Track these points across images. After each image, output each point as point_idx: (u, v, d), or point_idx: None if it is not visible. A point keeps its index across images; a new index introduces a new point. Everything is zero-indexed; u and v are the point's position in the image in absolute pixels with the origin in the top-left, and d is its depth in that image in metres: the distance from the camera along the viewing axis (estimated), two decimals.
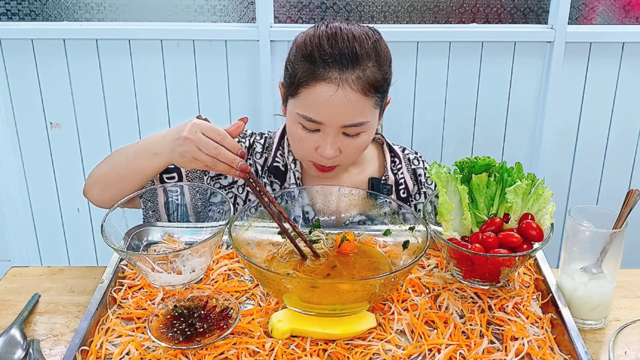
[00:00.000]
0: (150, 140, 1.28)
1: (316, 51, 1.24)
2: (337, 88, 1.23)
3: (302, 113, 1.27)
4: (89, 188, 1.36)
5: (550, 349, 1.01)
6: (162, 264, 1.08)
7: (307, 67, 1.25)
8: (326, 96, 1.23)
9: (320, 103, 1.24)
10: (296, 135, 1.31)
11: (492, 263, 1.08)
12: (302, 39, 1.29)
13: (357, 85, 1.23)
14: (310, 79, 1.24)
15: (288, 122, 1.34)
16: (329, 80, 1.23)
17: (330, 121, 1.25)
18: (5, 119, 2.22)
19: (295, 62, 1.28)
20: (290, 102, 1.30)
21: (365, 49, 1.25)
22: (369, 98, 1.26)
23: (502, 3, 2.14)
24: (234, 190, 1.42)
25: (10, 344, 1.03)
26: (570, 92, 2.20)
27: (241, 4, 2.12)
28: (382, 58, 1.28)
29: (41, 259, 2.45)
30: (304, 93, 1.26)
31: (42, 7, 2.12)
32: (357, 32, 1.26)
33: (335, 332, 1.00)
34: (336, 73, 1.23)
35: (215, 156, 1.14)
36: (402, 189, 1.46)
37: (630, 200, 1.09)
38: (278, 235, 1.20)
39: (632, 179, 2.34)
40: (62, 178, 2.32)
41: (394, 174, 1.45)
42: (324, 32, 1.26)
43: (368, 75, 1.25)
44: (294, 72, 1.27)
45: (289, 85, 1.30)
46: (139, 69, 2.16)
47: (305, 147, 1.31)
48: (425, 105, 2.20)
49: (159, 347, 0.99)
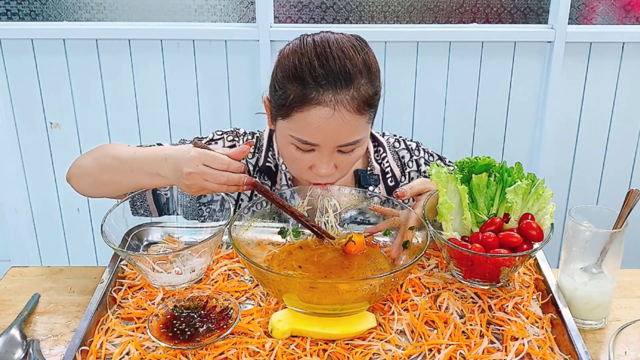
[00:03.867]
0: (150, 159, 1.21)
1: (307, 73, 1.18)
2: (332, 111, 1.18)
3: (296, 136, 1.22)
4: (75, 178, 1.33)
5: (550, 349, 1.01)
6: (162, 264, 1.08)
7: (299, 90, 1.18)
8: (322, 120, 1.18)
9: (316, 127, 1.19)
10: (290, 155, 1.26)
11: (492, 263, 1.08)
12: (290, 59, 1.22)
13: (352, 106, 1.19)
14: (304, 103, 1.19)
15: (280, 140, 1.29)
16: (324, 104, 1.18)
17: (325, 143, 1.21)
18: (5, 119, 2.22)
19: (285, 83, 1.21)
20: (281, 122, 1.25)
21: (357, 65, 1.20)
22: (364, 116, 1.22)
23: (502, 3, 2.14)
24: None
25: (10, 344, 1.03)
26: (570, 92, 2.21)
27: (241, 4, 2.12)
28: (372, 72, 1.23)
29: (41, 259, 2.45)
30: (296, 116, 1.20)
31: (42, 7, 2.12)
32: (346, 47, 1.21)
33: (335, 332, 1.00)
34: (330, 95, 1.17)
35: (224, 184, 1.12)
36: (389, 177, 1.44)
37: (630, 200, 1.09)
38: (278, 235, 1.20)
39: (632, 179, 2.34)
40: (62, 178, 2.30)
41: (379, 163, 1.44)
42: (313, 51, 1.20)
43: (362, 93, 1.20)
44: (285, 95, 1.21)
45: (280, 107, 1.23)
46: (139, 69, 2.16)
47: (299, 166, 1.27)
48: (425, 105, 2.20)
49: (159, 347, 0.99)
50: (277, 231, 1.20)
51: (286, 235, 1.21)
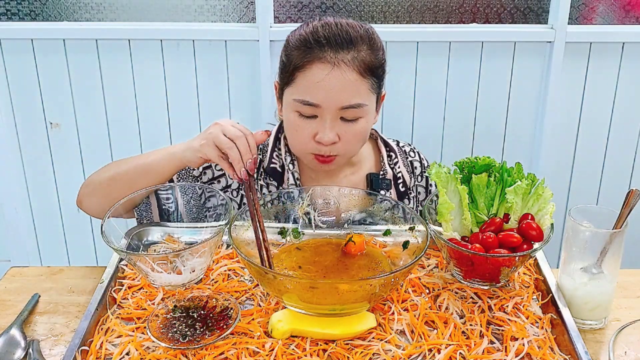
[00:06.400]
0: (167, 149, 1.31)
1: (310, 36, 1.27)
2: (332, 67, 1.24)
3: (298, 98, 1.27)
4: (86, 197, 1.37)
5: (550, 349, 1.01)
6: (162, 264, 1.08)
7: (302, 52, 1.27)
8: (322, 75, 1.24)
9: (316, 83, 1.24)
10: (293, 124, 1.30)
11: (492, 263, 1.08)
12: (296, 32, 1.32)
13: (352, 65, 1.25)
14: (305, 61, 1.26)
15: (285, 114, 1.34)
16: (323, 59, 1.25)
17: (327, 102, 1.25)
18: (5, 119, 2.22)
19: (290, 52, 1.30)
20: (286, 92, 1.31)
21: (359, 33, 1.28)
22: (365, 80, 1.26)
23: (502, 3, 2.13)
24: (228, 194, 1.42)
25: (10, 344, 1.03)
26: (570, 92, 2.20)
27: (241, 4, 2.12)
28: (375, 44, 1.30)
29: (41, 259, 2.45)
30: (299, 77, 1.27)
31: (42, 7, 2.12)
32: (351, 21, 1.30)
33: (335, 332, 1.00)
34: (331, 53, 1.25)
35: (234, 139, 1.17)
36: (400, 182, 1.45)
37: (630, 200, 1.09)
38: (278, 235, 1.20)
39: (632, 179, 2.34)
40: (62, 178, 2.32)
41: (391, 168, 1.45)
42: (318, 22, 1.30)
43: (363, 56, 1.26)
44: (289, 60, 1.29)
45: (284, 74, 1.31)
46: (139, 69, 2.16)
47: (302, 135, 1.30)
48: (425, 105, 2.20)
49: (159, 347, 0.99)
50: (277, 231, 1.20)
51: (286, 235, 1.21)
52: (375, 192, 1.37)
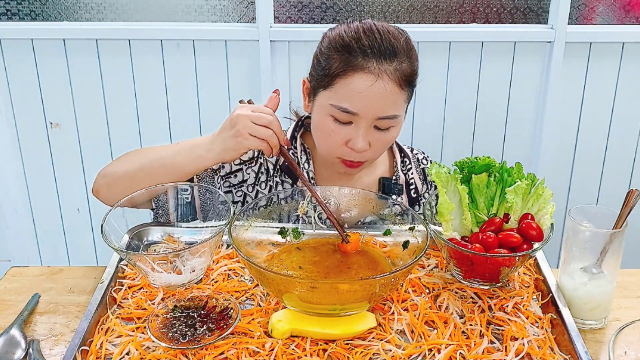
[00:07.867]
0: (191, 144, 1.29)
1: (353, 42, 1.24)
2: (376, 78, 1.22)
3: (336, 104, 1.25)
4: (105, 187, 1.34)
5: (550, 349, 1.01)
6: (162, 264, 1.08)
7: (344, 58, 1.24)
8: (365, 86, 1.22)
9: (358, 93, 1.23)
10: (326, 128, 1.29)
11: (492, 263, 1.08)
12: (336, 32, 1.28)
13: (394, 77, 1.24)
14: (349, 68, 1.23)
15: (317, 115, 1.31)
16: (367, 70, 1.23)
17: (366, 112, 1.24)
18: (5, 119, 2.22)
19: (330, 53, 1.26)
20: (321, 94, 1.28)
21: (401, 43, 1.26)
22: (403, 92, 1.26)
23: (502, 3, 2.14)
24: (244, 189, 1.41)
25: (10, 344, 1.02)
26: (570, 92, 2.21)
27: (241, 4, 2.12)
28: (413, 54, 1.29)
29: (41, 259, 2.45)
30: (339, 83, 1.24)
31: (42, 7, 2.12)
32: (391, 29, 1.28)
33: (335, 332, 1.00)
34: (375, 64, 1.23)
35: (268, 125, 1.20)
36: (412, 189, 1.46)
37: (630, 200, 1.09)
38: (278, 235, 1.20)
39: (632, 179, 2.34)
40: (62, 178, 2.32)
41: (404, 173, 1.46)
42: (359, 26, 1.27)
43: (404, 68, 1.25)
44: (329, 63, 1.26)
45: (322, 77, 1.27)
46: (139, 69, 2.16)
47: (334, 140, 1.29)
48: (425, 105, 2.20)
49: (159, 347, 0.99)
50: (277, 231, 1.20)
51: (286, 236, 1.21)
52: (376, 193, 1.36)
